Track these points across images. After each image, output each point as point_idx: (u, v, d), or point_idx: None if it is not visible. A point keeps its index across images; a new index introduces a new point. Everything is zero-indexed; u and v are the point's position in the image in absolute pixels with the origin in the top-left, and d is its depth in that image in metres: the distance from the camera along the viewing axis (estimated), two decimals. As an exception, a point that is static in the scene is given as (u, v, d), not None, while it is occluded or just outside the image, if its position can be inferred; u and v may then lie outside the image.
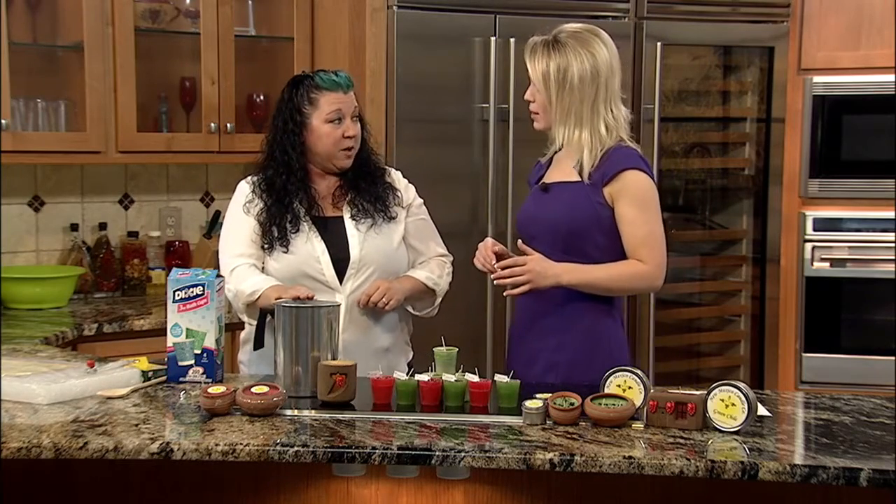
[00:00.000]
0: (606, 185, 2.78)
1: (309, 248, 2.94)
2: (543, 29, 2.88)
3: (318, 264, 2.93)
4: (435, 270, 3.06)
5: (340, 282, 2.94)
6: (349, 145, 2.97)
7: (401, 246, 3.02)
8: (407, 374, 2.53)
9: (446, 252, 3.14)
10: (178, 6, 4.07)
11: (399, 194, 3.06)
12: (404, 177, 3.14)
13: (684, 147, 4.62)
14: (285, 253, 2.93)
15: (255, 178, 3.02)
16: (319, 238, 2.96)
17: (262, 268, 2.98)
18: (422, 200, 3.13)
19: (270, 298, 2.80)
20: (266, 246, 2.95)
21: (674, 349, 4.56)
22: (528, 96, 2.88)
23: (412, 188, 3.13)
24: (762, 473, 2.10)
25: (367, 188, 3.01)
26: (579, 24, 2.88)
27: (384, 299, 2.90)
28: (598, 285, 2.79)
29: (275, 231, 2.94)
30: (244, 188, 3.03)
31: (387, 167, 3.13)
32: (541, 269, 2.75)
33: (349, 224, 2.98)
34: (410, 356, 3.12)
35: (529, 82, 2.87)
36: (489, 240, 2.90)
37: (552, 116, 2.83)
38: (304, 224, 2.95)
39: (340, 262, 2.95)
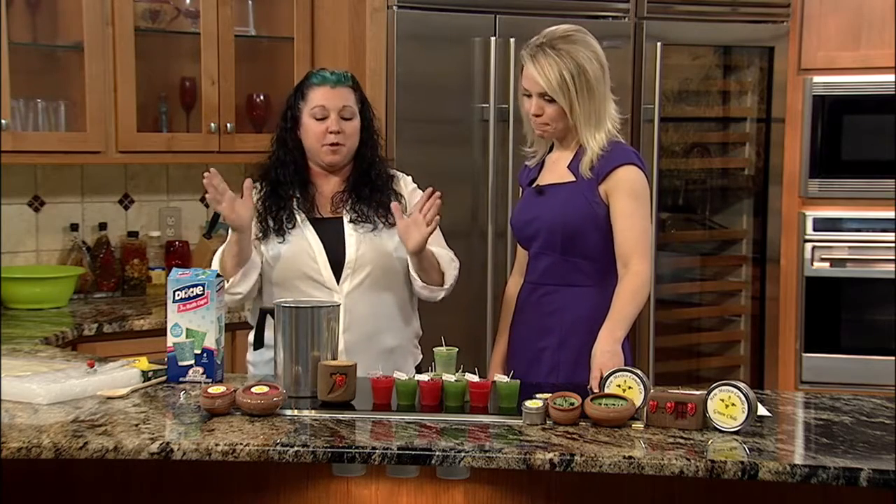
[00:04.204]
0: (602, 182, 2.79)
1: (305, 245, 2.93)
2: (528, 41, 2.82)
3: (314, 264, 2.92)
4: (446, 256, 2.99)
5: (338, 282, 2.94)
6: (332, 141, 2.94)
7: (399, 248, 2.96)
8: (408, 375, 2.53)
9: (453, 255, 3.06)
10: (178, 6, 4.07)
11: (403, 201, 3.01)
12: (413, 181, 3.10)
13: (684, 147, 4.62)
14: (281, 243, 2.93)
15: (260, 180, 3.02)
16: (316, 236, 2.95)
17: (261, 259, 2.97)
18: None
19: (229, 245, 2.85)
20: (261, 235, 2.94)
21: (674, 349, 4.56)
22: (535, 110, 2.80)
23: (419, 193, 3.08)
24: (762, 473, 2.11)
25: (369, 195, 2.98)
26: (564, 26, 2.83)
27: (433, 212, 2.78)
28: (632, 315, 2.72)
29: (270, 221, 2.94)
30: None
31: (396, 173, 3.08)
32: (604, 358, 2.62)
33: (347, 225, 2.96)
34: (419, 358, 3.08)
35: (528, 95, 2.81)
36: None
37: (575, 121, 2.78)
38: (299, 220, 2.95)
39: (337, 262, 2.93)
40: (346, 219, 2.97)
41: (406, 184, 3.08)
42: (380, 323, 2.96)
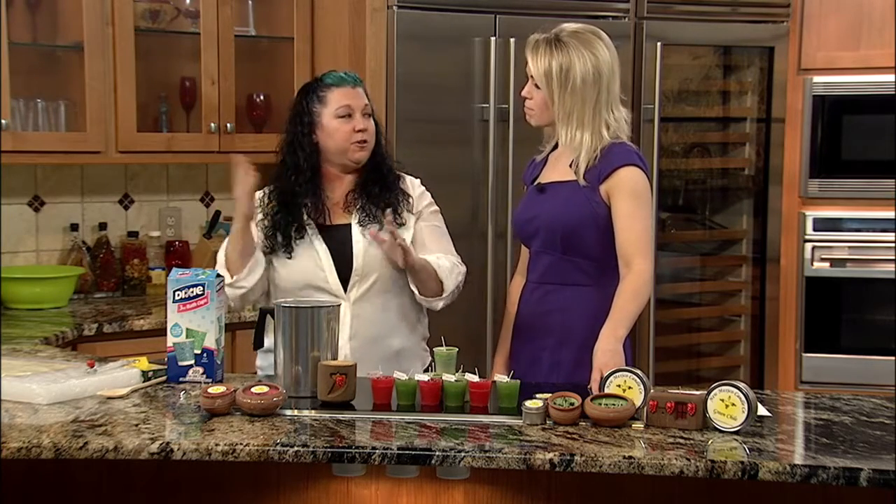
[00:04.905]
0: (603, 182, 2.79)
1: (313, 255, 2.93)
2: (544, 27, 2.88)
3: (321, 272, 2.92)
4: (445, 265, 2.98)
5: (345, 290, 2.93)
6: (361, 139, 2.94)
7: None
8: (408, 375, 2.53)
9: (460, 261, 3.04)
10: (178, 6, 4.08)
11: (411, 200, 3.01)
12: (422, 184, 3.09)
13: (684, 147, 4.63)
14: (289, 259, 2.93)
15: (268, 188, 3.01)
16: (324, 246, 2.94)
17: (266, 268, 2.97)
18: (437, 209, 3.06)
19: (233, 238, 2.88)
20: (267, 251, 2.94)
21: (674, 349, 4.56)
22: (525, 93, 2.88)
23: (428, 196, 3.06)
24: (762, 473, 2.11)
25: (378, 194, 2.97)
26: (580, 24, 2.88)
27: (402, 248, 2.81)
28: (633, 315, 2.72)
29: (279, 237, 2.93)
30: (257, 196, 3.03)
31: (403, 174, 3.07)
32: (605, 357, 2.63)
33: (355, 231, 2.95)
34: (427, 360, 3.04)
35: (527, 79, 2.87)
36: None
37: (553, 115, 2.83)
38: (309, 231, 2.94)
39: (344, 269, 2.93)
40: (353, 220, 2.97)
41: (414, 185, 3.06)
42: (386, 327, 2.95)
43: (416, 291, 2.96)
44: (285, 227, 2.93)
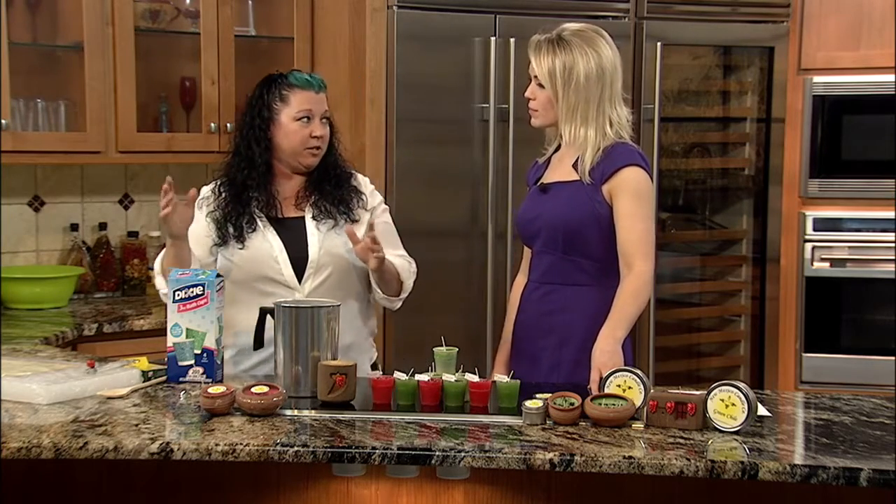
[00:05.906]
0: (605, 182, 2.79)
1: (266, 246, 2.92)
2: (545, 27, 2.89)
3: (276, 264, 2.92)
4: (404, 265, 3.02)
5: (299, 281, 2.93)
6: (315, 145, 2.95)
7: None
8: (408, 375, 2.54)
9: (410, 259, 3.08)
10: (178, 6, 4.08)
11: (364, 197, 3.03)
12: (371, 182, 3.12)
13: (684, 147, 4.63)
14: (241, 249, 2.92)
15: (218, 180, 3.01)
16: (277, 237, 2.94)
17: (215, 261, 2.96)
18: (387, 207, 3.10)
19: (168, 251, 2.87)
20: (219, 242, 2.93)
21: (674, 349, 4.56)
22: (528, 93, 2.88)
23: (378, 195, 3.10)
24: (762, 473, 2.11)
25: (331, 191, 2.99)
26: (582, 24, 2.90)
27: (377, 248, 2.82)
28: (632, 316, 2.73)
29: (230, 228, 2.92)
30: (204, 190, 3.02)
31: (354, 172, 3.10)
32: (603, 358, 2.63)
33: (310, 224, 2.96)
34: (374, 356, 3.11)
35: (530, 80, 2.87)
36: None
37: (557, 113, 2.83)
38: (261, 223, 2.94)
39: (299, 261, 2.93)
40: (308, 216, 2.97)
41: (365, 183, 3.10)
42: (340, 321, 2.94)
43: (378, 291, 2.98)
44: (236, 218, 2.93)
